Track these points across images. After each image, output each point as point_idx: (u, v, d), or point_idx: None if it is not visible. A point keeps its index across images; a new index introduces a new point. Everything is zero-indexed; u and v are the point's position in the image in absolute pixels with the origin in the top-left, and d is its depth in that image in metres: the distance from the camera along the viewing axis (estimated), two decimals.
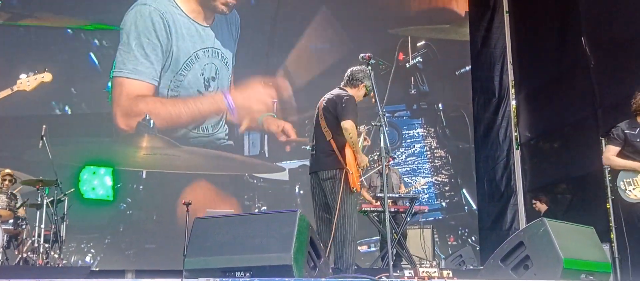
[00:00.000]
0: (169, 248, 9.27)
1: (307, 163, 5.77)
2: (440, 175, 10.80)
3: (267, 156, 10.25)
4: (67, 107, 9.64)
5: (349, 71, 5.65)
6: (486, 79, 10.89)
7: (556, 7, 9.50)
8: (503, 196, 10.48)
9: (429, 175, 10.73)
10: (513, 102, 10.78)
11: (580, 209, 8.73)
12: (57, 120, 9.44)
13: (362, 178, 8.61)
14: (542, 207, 9.32)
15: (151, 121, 9.74)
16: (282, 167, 10.25)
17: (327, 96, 5.54)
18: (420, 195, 8.09)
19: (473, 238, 10.56)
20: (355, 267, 5.53)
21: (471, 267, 8.57)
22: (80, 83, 9.76)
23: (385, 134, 5.15)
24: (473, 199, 10.74)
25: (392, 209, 8.02)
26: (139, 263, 9.44)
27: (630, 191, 5.55)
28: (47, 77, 4.68)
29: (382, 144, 5.17)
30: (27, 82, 4.58)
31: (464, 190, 10.77)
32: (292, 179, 10.23)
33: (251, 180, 10.13)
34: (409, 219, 7.96)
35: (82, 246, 9.19)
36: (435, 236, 9.01)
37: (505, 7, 10.99)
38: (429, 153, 10.83)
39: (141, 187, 9.76)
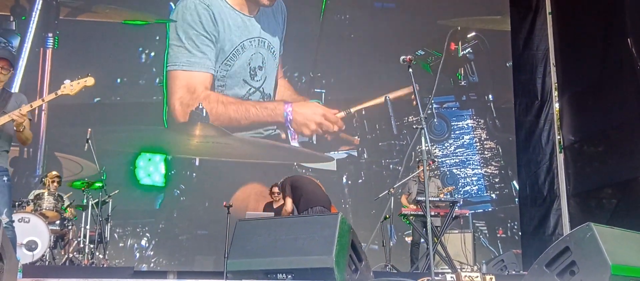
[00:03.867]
0: (222, 235, 9.45)
1: (355, 153, 5.93)
2: (489, 167, 10.68)
3: (314, 143, 10.34)
4: (118, 97, 9.99)
5: None
6: (528, 82, 10.73)
7: (600, 8, 9.30)
8: (546, 200, 10.30)
9: (478, 167, 10.63)
10: (556, 105, 10.59)
11: (627, 215, 8.50)
12: (110, 109, 9.85)
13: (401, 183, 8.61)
14: None
15: (204, 110, 9.95)
16: (330, 157, 10.33)
17: None
18: (460, 200, 8.04)
19: None
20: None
21: (513, 272, 8.43)
22: (129, 75, 10.12)
23: (427, 137, 5.11)
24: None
25: (433, 213, 7.95)
26: (192, 248, 9.75)
27: None
28: (90, 81, 4.79)
29: (423, 147, 5.13)
30: (70, 86, 4.70)
31: (515, 182, 10.61)
32: (340, 169, 10.33)
33: (300, 170, 10.24)
34: (451, 221, 7.91)
35: (138, 230, 9.44)
36: (485, 229, 8.91)
37: (548, 9, 10.81)
38: (478, 144, 10.73)
39: (194, 174, 9.99)
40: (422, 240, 8.17)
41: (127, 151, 9.75)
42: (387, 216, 8.27)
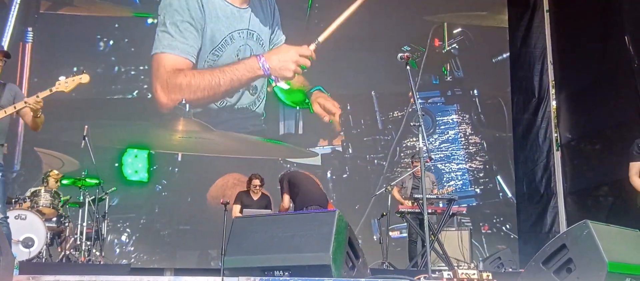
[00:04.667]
0: (203, 230, 9.51)
1: (340, 148, 6.00)
2: (474, 162, 10.73)
3: (301, 132, 10.39)
4: (103, 92, 10.01)
5: None
6: (526, 79, 10.73)
7: (598, 6, 9.30)
8: (543, 198, 10.31)
9: (463, 162, 10.67)
10: (553, 103, 10.59)
11: (623, 213, 8.50)
12: (95, 104, 9.83)
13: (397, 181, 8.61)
14: None
15: (187, 105, 9.98)
16: (315, 152, 10.37)
17: None
18: (455, 198, 8.07)
19: (508, 226, 10.47)
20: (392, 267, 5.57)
21: (510, 270, 8.44)
22: (115, 68, 10.13)
23: (424, 134, 5.12)
24: (508, 186, 10.62)
25: (429, 211, 7.96)
26: (173, 243, 9.77)
27: None
28: (85, 78, 4.77)
29: (420, 145, 5.14)
30: (65, 83, 4.68)
31: (499, 177, 10.68)
32: (325, 164, 10.38)
33: (284, 165, 10.29)
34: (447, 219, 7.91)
35: (118, 225, 9.42)
36: (469, 224, 8.95)
37: (546, 6, 10.81)
38: (463, 139, 10.78)
39: (176, 169, 9.99)
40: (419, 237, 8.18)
41: (110, 146, 9.72)
42: (384, 213, 8.27)
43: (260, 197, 8.36)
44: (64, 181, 8.20)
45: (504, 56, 11.00)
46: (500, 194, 10.62)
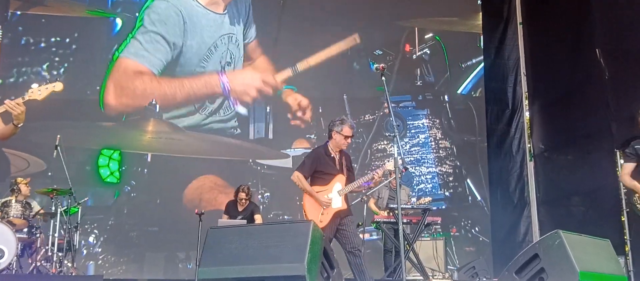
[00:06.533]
0: (172, 232, 9.43)
1: (310, 150, 6.10)
2: (444, 166, 10.86)
3: (271, 137, 10.41)
4: (71, 92, 9.83)
5: None
6: (499, 91, 10.85)
7: (570, 19, 9.45)
8: (516, 207, 10.41)
9: (433, 165, 10.77)
10: (526, 114, 10.73)
11: (594, 222, 8.63)
12: (63, 104, 9.59)
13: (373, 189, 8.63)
14: None
15: (157, 106, 9.88)
16: (286, 154, 10.37)
17: None
18: (431, 209, 8.13)
19: (476, 229, 10.58)
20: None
21: (484, 279, 8.50)
22: (85, 67, 10.13)
23: (399, 145, 5.15)
24: (478, 189, 10.75)
25: (405, 221, 8.00)
26: (142, 245, 9.72)
27: None
28: (58, 86, 4.68)
29: (395, 155, 5.17)
30: (38, 91, 4.58)
31: (469, 180, 10.80)
32: (296, 166, 10.28)
33: (255, 167, 10.29)
34: (423, 228, 7.95)
35: (86, 226, 9.27)
36: (438, 227, 9.00)
37: (519, 19, 10.96)
38: (433, 143, 10.91)
39: (146, 170, 9.90)
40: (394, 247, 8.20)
41: (78, 147, 9.59)
42: (360, 223, 8.28)
43: (244, 208, 8.40)
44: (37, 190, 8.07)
45: (473, 61, 11.19)
46: (469, 197, 10.76)
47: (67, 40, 10.04)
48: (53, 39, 10.00)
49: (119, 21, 10.20)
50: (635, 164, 5.77)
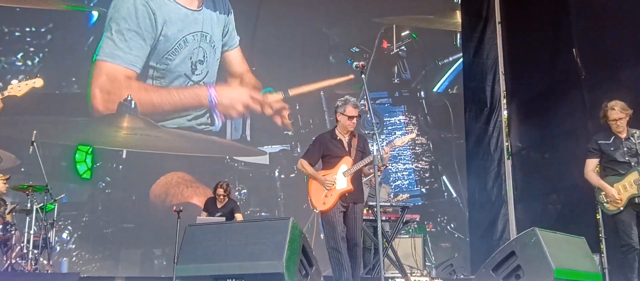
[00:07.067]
0: (147, 228, 9.35)
1: (288, 147, 6.04)
2: (420, 162, 10.91)
3: (248, 139, 10.36)
4: (47, 86, 9.67)
5: None
6: (478, 90, 10.93)
7: (548, 19, 9.56)
8: (494, 205, 10.50)
9: (410, 162, 10.82)
10: (504, 113, 10.82)
11: (571, 220, 8.74)
12: (38, 98, 9.29)
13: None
14: None
15: (133, 102, 9.78)
16: (263, 151, 10.36)
17: None
18: (409, 206, 8.16)
19: (452, 225, 10.66)
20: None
21: (462, 276, 8.57)
22: (60, 61, 9.89)
23: (378, 143, 5.16)
24: (453, 186, 10.82)
25: (383, 218, 8.03)
26: (117, 242, 9.58)
27: (607, 202, 5.68)
28: (38, 82, 4.64)
29: (374, 153, 5.19)
30: (18, 87, 4.53)
31: (444, 177, 10.88)
32: (273, 163, 10.37)
33: (232, 163, 10.23)
34: (401, 226, 7.98)
35: (60, 223, 9.12)
36: (415, 223, 9.05)
37: (498, 18, 11.05)
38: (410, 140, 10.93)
39: (121, 167, 9.80)
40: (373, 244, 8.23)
41: (53, 143, 9.45)
42: None
43: (224, 205, 8.36)
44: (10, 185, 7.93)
45: (450, 58, 11.28)
46: (445, 194, 10.84)
47: (43, 30, 9.86)
48: (28, 29, 9.82)
49: (95, 13, 10.05)
50: (598, 159, 5.85)
